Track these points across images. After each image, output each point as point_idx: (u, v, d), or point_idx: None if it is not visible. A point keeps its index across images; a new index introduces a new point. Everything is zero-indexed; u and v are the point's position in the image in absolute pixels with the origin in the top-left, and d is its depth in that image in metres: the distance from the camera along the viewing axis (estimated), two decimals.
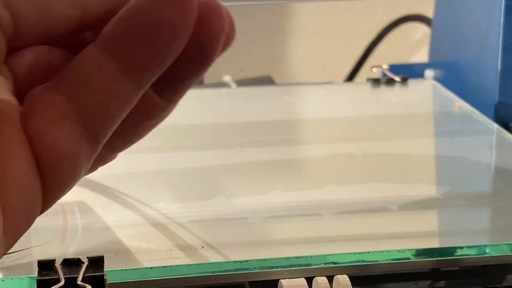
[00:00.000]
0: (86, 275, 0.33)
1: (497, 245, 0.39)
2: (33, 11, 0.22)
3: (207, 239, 0.39)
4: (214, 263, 0.37)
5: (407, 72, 0.71)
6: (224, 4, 0.23)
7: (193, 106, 0.62)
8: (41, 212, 0.23)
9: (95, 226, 0.42)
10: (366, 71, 0.80)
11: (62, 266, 0.34)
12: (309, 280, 0.35)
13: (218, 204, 0.46)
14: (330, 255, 0.37)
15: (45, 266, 0.34)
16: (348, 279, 0.34)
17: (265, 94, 0.71)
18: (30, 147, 0.22)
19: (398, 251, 0.38)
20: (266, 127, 0.60)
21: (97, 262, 0.34)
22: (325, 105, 0.69)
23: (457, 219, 0.44)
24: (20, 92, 0.23)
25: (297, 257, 0.37)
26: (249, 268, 0.37)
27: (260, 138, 0.57)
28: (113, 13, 0.22)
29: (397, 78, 0.68)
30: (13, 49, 0.23)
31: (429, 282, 0.38)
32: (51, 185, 0.22)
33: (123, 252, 0.38)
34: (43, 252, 0.38)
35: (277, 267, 0.37)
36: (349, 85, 0.86)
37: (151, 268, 0.36)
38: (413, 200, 0.46)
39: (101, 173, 0.27)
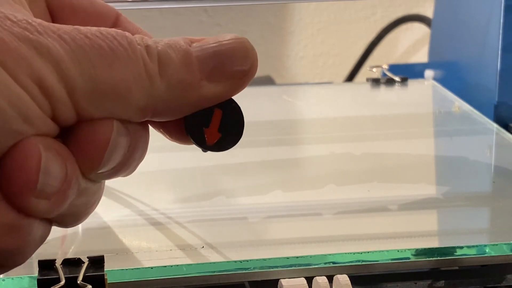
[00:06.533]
0: (87, 274, 0.33)
1: (497, 245, 0.39)
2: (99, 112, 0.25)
3: (207, 239, 0.39)
4: (214, 263, 0.37)
5: (407, 72, 0.71)
6: (225, 4, 0.23)
7: None
8: None
9: (95, 226, 0.42)
10: (366, 71, 0.80)
11: (63, 265, 0.34)
12: (309, 280, 0.35)
13: (218, 204, 0.46)
14: (330, 255, 0.37)
15: (46, 265, 0.34)
16: (348, 279, 0.34)
17: (265, 94, 0.71)
18: None
19: (398, 251, 0.38)
20: (266, 127, 0.60)
21: (97, 261, 0.34)
22: (325, 105, 0.69)
23: (456, 219, 0.44)
24: None
25: (297, 257, 0.37)
26: (249, 268, 0.37)
27: (260, 138, 0.57)
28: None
29: (397, 78, 0.68)
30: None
31: (428, 281, 0.38)
32: None
33: (124, 251, 0.38)
34: (43, 252, 0.38)
35: (277, 267, 0.37)
36: (349, 85, 0.86)
37: (151, 268, 0.36)
38: (412, 200, 0.46)
39: None
